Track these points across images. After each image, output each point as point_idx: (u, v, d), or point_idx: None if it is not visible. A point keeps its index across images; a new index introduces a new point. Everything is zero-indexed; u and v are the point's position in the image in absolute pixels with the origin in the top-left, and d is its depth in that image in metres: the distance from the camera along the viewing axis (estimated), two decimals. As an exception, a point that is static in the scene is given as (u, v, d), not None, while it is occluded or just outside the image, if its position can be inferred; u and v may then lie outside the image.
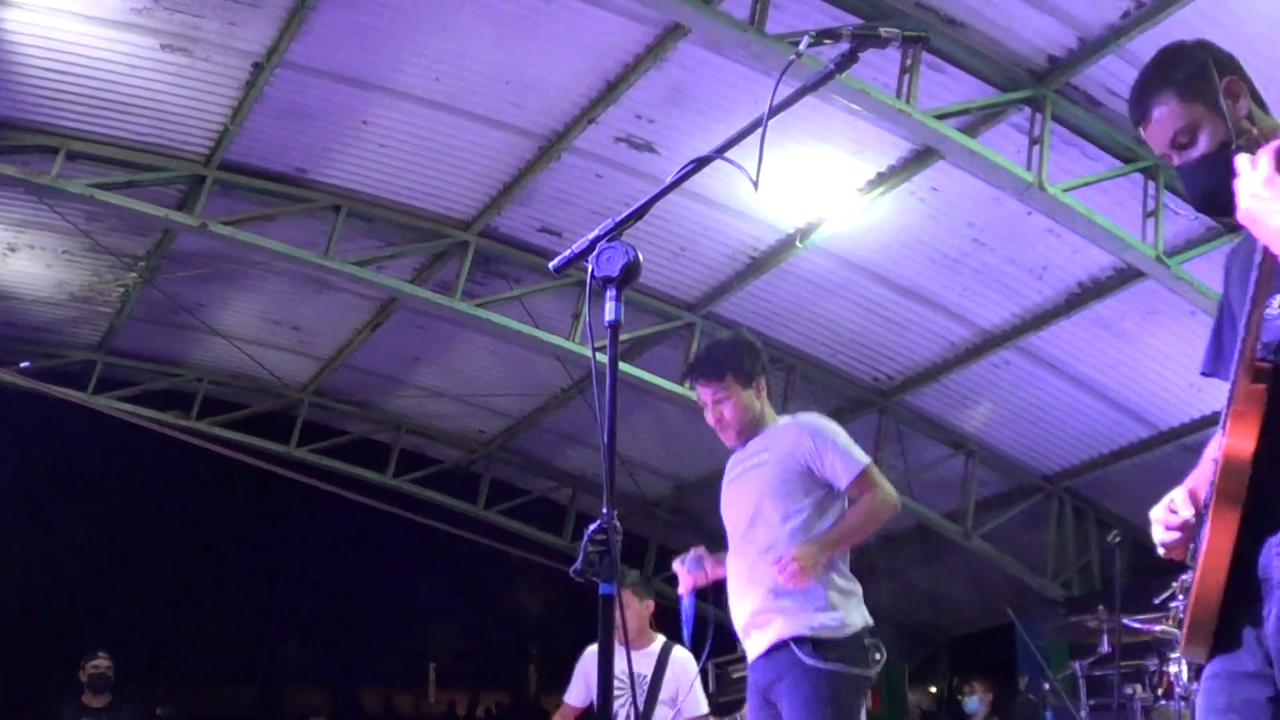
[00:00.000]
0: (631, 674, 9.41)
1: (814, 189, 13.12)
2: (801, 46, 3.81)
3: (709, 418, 6.87)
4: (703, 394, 6.86)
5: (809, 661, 6.18)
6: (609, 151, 13.34)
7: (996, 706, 15.04)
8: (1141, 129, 3.86)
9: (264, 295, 16.69)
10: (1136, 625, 9.31)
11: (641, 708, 9.69)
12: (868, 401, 16.71)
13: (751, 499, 6.62)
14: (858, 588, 6.54)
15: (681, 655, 9.81)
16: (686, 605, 6.89)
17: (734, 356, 6.80)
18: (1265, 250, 3.26)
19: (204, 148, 13.82)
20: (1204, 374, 3.91)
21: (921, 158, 12.60)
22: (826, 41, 3.82)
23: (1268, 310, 3.54)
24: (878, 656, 6.36)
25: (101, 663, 13.20)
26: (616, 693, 9.74)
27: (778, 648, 6.33)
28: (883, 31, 3.82)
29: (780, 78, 3.79)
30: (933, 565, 19.13)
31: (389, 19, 12.03)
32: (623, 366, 13.20)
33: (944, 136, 11.26)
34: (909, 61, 11.00)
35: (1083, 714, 10.44)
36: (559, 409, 18.44)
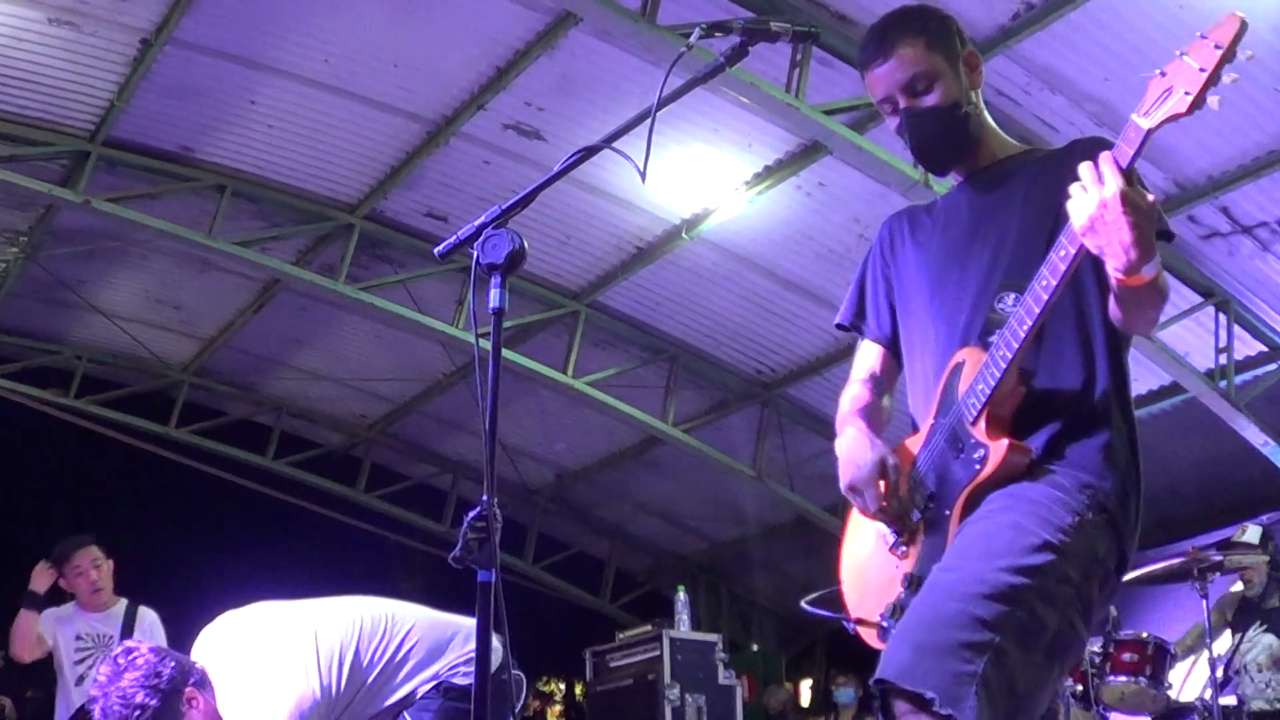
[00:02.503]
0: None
1: (701, 181, 13.16)
2: (693, 38, 3.83)
3: None
4: None
5: None
6: (497, 138, 13.31)
7: (869, 699, 15.15)
8: (874, 67, 3.89)
9: (147, 274, 16.52)
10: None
11: None
12: (750, 394, 16.79)
13: None
14: None
15: (150, 616, 9.81)
16: None
17: None
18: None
19: (89, 124, 13.65)
20: (840, 325, 4.31)
21: (809, 152, 12.63)
22: (717, 34, 3.84)
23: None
24: None
25: None
26: (83, 654, 9.70)
27: None
28: (774, 26, 3.84)
29: (670, 69, 3.81)
30: (812, 558, 19.19)
31: (279, -2, 11.98)
32: (506, 353, 13.18)
33: (832, 132, 11.28)
34: (799, 56, 11.03)
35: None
36: (441, 395, 18.39)
